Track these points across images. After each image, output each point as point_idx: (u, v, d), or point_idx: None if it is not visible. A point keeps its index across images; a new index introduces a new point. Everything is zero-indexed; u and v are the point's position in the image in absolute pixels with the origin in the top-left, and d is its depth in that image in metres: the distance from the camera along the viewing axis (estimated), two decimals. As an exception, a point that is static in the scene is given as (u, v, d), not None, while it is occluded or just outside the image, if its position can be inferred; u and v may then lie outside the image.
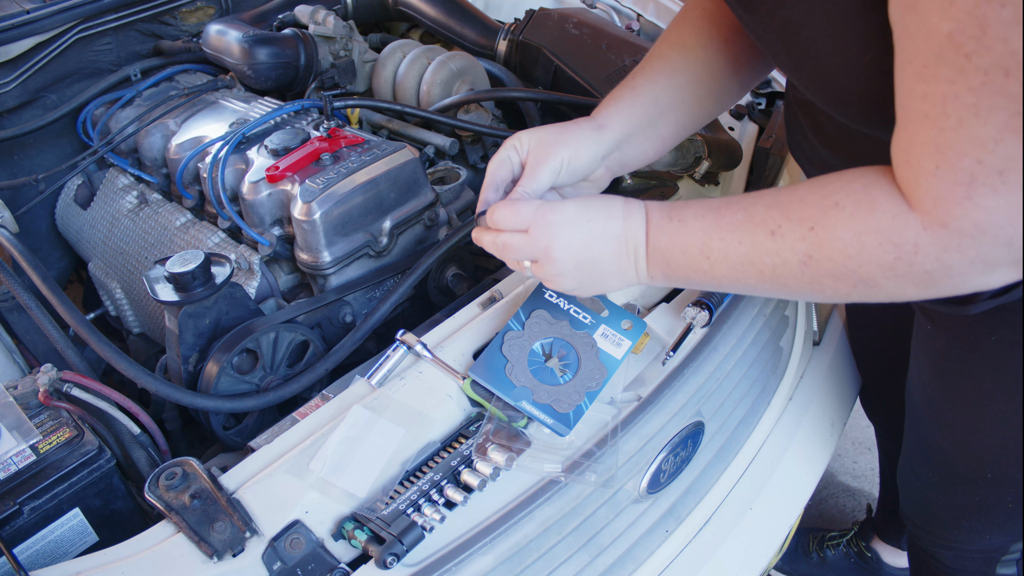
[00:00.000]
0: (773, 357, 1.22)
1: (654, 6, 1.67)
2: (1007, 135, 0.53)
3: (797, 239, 0.66)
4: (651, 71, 0.91)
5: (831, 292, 0.67)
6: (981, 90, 0.53)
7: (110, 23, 1.58)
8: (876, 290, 0.65)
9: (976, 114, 0.54)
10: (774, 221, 0.68)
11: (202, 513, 0.77)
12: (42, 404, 0.90)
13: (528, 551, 0.87)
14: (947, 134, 0.56)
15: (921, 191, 0.59)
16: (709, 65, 0.91)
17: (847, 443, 2.14)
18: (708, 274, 0.74)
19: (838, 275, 0.65)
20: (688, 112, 0.92)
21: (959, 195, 0.57)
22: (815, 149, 0.86)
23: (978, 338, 0.88)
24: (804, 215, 0.66)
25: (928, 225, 0.59)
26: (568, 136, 0.87)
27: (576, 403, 0.90)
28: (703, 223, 0.73)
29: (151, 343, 1.45)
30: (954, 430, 1.00)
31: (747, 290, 0.74)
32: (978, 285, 0.62)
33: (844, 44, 0.64)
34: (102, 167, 1.53)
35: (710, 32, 0.91)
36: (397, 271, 1.19)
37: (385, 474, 0.83)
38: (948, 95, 0.55)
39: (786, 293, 0.71)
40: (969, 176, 0.56)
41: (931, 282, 0.62)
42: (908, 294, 0.64)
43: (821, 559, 1.73)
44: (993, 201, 0.56)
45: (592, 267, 0.80)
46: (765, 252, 0.69)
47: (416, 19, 1.69)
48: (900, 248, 0.61)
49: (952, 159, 0.56)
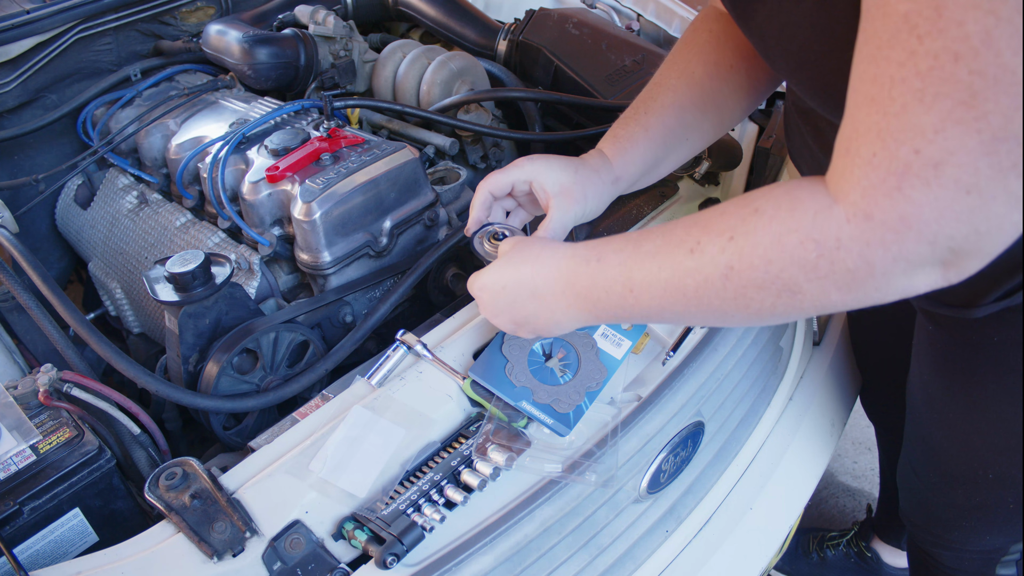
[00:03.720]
0: (773, 357, 1.22)
1: (654, 6, 1.67)
2: (949, 125, 0.50)
3: (717, 252, 0.64)
4: (661, 108, 0.93)
5: (756, 306, 0.64)
6: (929, 75, 0.50)
7: (110, 23, 1.58)
8: (800, 297, 0.61)
9: (920, 100, 0.50)
10: (693, 239, 0.66)
11: (202, 513, 0.77)
12: (42, 404, 0.90)
13: (528, 551, 0.87)
14: (889, 119, 0.52)
15: (853, 180, 0.56)
16: (715, 96, 0.93)
17: (847, 443, 2.14)
18: (635, 307, 0.71)
19: (760, 284, 0.62)
20: (691, 147, 0.96)
21: (889, 185, 0.53)
22: (815, 156, 0.86)
23: (980, 338, 0.88)
24: (723, 226, 0.64)
25: (852, 217, 0.56)
26: (589, 187, 0.91)
27: (576, 403, 0.90)
28: (622, 257, 0.72)
29: (151, 343, 1.45)
30: (956, 430, 1.00)
31: (677, 318, 0.71)
32: (902, 288, 0.58)
33: (841, 47, 0.62)
34: (102, 167, 1.53)
35: (717, 59, 0.92)
36: (397, 271, 1.19)
37: (385, 474, 0.83)
38: (896, 78, 0.51)
39: (714, 316, 0.68)
40: (904, 165, 0.52)
41: (855, 283, 0.58)
42: (833, 300, 0.60)
43: (821, 559, 1.73)
44: (923, 195, 0.52)
45: (514, 310, 0.81)
46: (686, 273, 0.66)
47: (416, 19, 1.69)
48: (821, 245, 0.58)
49: (891, 146, 0.53)
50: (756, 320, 0.66)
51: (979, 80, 0.48)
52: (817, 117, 0.81)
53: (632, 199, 1.24)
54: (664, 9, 1.65)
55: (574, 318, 0.79)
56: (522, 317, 0.81)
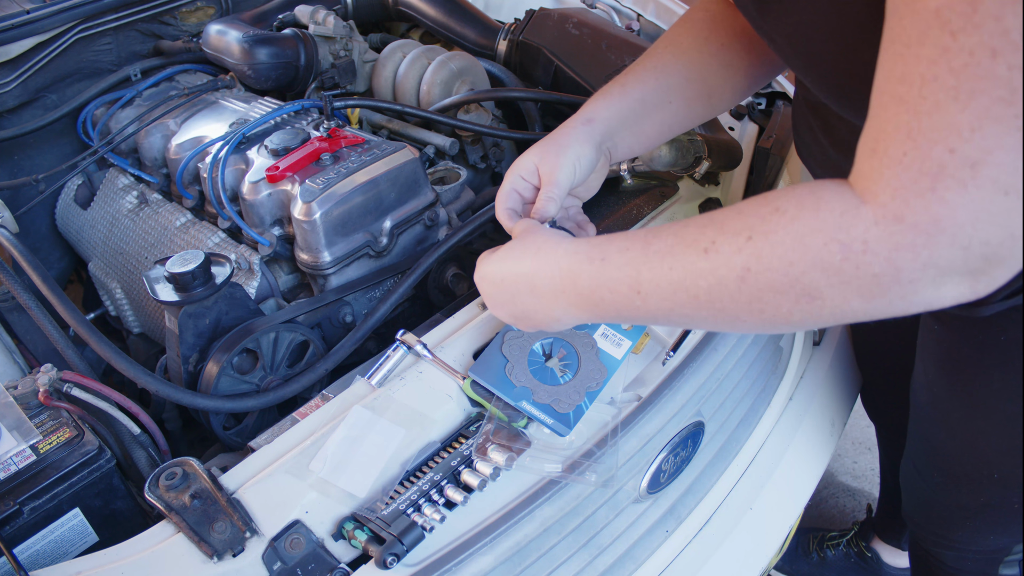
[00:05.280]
0: (773, 357, 1.22)
1: (654, 6, 1.67)
2: (987, 123, 0.48)
3: (733, 252, 0.60)
4: (642, 70, 0.91)
5: (772, 311, 0.60)
6: (963, 72, 0.47)
7: (110, 23, 1.58)
8: (818, 304, 0.58)
9: (955, 98, 0.48)
10: (707, 238, 0.62)
11: (202, 513, 0.77)
12: (42, 404, 0.90)
13: (528, 551, 0.87)
14: (921, 119, 0.50)
15: (883, 181, 0.53)
16: (701, 68, 0.91)
17: (847, 443, 2.14)
18: (641, 309, 0.69)
19: (779, 288, 0.59)
20: (675, 113, 0.92)
21: (923, 186, 0.50)
22: (825, 151, 0.85)
23: (986, 338, 0.87)
24: (741, 226, 0.61)
25: (881, 219, 0.53)
26: (566, 137, 0.89)
27: (576, 403, 0.90)
28: (628, 256, 0.69)
29: (151, 343, 1.45)
30: (960, 430, 1.00)
31: (685, 322, 0.69)
32: (928, 299, 0.55)
33: (855, 45, 0.61)
34: (102, 167, 1.53)
35: (707, 35, 0.91)
36: (397, 271, 1.19)
37: (385, 474, 0.83)
38: (927, 76, 0.49)
39: (725, 321, 0.64)
40: (938, 166, 0.50)
41: (878, 290, 0.55)
42: (853, 308, 0.57)
43: (821, 559, 1.73)
44: (959, 196, 0.49)
45: (513, 304, 0.80)
46: (699, 274, 0.62)
47: (416, 19, 1.69)
48: (847, 247, 0.55)
49: (923, 146, 0.50)
50: (767, 327, 0.63)
51: (1019, 76, 0.46)
52: (828, 112, 0.80)
53: (632, 199, 1.24)
54: (664, 9, 1.65)
55: (574, 316, 0.77)
56: (521, 311, 0.80)
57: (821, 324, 0.61)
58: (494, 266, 0.81)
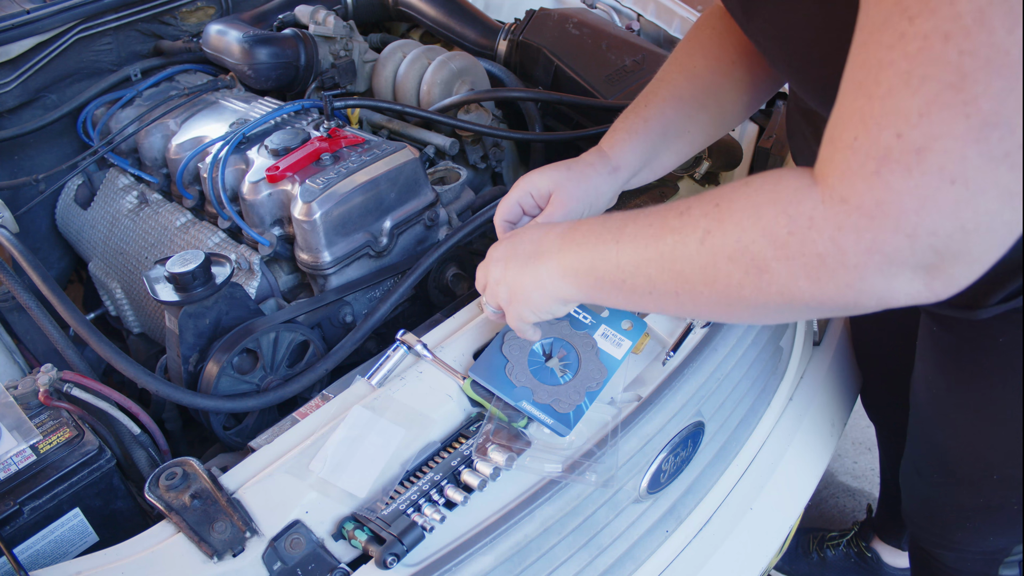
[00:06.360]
0: (773, 357, 1.22)
1: (654, 6, 1.67)
2: (935, 109, 0.47)
3: (700, 216, 0.64)
4: (660, 100, 0.93)
5: (724, 282, 0.62)
6: (917, 57, 0.47)
7: (110, 23, 1.58)
8: (767, 279, 0.59)
9: (907, 83, 0.48)
10: (686, 204, 0.66)
11: (202, 513, 0.77)
12: (42, 404, 0.90)
13: (528, 551, 0.87)
14: (874, 103, 0.50)
15: (832, 164, 0.54)
16: (715, 91, 0.92)
17: (847, 443, 2.14)
18: (616, 262, 0.71)
19: (730, 254, 0.60)
20: (691, 141, 0.96)
21: (868, 169, 0.51)
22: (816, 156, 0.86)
23: (985, 340, 0.87)
24: (714, 195, 0.64)
25: (827, 199, 0.54)
26: (587, 183, 0.91)
27: (576, 403, 0.89)
28: (622, 216, 0.72)
29: (151, 343, 1.45)
30: (960, 431, 1.00)
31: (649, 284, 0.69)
32: (879, 290, 0.55)
33: (842, 50, 0.61)
34: (102, 167, 1.53)
35: (718, 54, 0.92)
36: (397, 271, 1.19)
37: (385, 474, 0.83)
38: (884, 62, 0.49)
39: (684, 287, 0.65)
40: (884, 150, 0.49)
41: (824, 270, 0.55)
42: (801, 288, 0.57)
43: (821, 559, 1.73)
44: (903, 182, 0.49)
45: (514, 275, 0.82)
46: (669, 230, 0.66)
47: (416, 19, 1.69)
48: (794, 220, 0.56)
49: (873, 130, 0.50)
50: (721, 302, 0.64)
51: (969, 61, 0.45)
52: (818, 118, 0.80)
53: (632, 199, 1.24)
54: (664, 9, 1.65)
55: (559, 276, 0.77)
56: (519, 285, 0.81)
57: (775, 306, 0.61)
58: (507, 240, 0.85)
